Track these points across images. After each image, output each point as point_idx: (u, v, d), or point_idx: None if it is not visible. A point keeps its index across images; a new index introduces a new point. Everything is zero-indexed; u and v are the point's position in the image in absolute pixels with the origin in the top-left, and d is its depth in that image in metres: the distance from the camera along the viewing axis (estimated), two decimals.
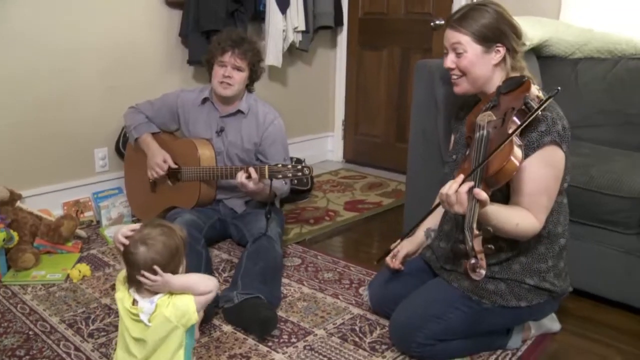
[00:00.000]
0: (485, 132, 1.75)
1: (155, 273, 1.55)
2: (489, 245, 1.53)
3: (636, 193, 2.24)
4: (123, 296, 1.64)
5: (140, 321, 1.59)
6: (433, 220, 2.19)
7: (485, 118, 1.80)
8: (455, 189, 1.61)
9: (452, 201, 1.62)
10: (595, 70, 2.88)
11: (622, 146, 2.71)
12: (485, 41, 1.88)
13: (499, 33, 1.88)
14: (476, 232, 1.52)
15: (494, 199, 1.68)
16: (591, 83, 2.84)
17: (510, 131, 1.65)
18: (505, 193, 1.83)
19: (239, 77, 2.75)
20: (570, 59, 2.97)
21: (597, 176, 2.33)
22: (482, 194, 1.55)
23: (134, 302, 1.60)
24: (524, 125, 1.67)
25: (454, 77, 1.99)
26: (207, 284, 1.64)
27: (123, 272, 1.67)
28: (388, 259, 2.15)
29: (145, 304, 1.59)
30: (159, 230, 1.60)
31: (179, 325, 1.59)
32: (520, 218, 1.74)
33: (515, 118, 1.70)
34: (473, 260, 1.50)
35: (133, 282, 1.60)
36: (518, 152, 1.63)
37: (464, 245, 1.54)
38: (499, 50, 1.90)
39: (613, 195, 2.27)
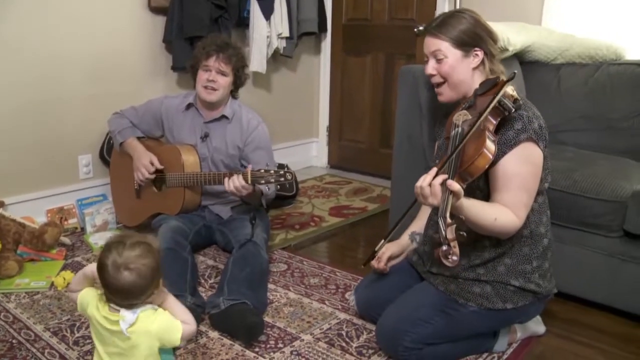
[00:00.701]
0: (460, 129, 1.79)
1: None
2: (461, 232, 1.56)
3: (619, 196, 2.26)
4: (93, 309, 1.64)
5: (117, 332, 1.58)
6: (418, 224, 2.21)
7: (460, 117, 1.83)
8: (428, 181, 1.64)
9: (427, 193, 1.64)
10: (577, 75, 2.91)
11: (604, 150, 2.75)
12: (464, 46, 1.92)
13: (476, 38, 1.92)
14: (449, 221, 1.55)
15: (474, 199, 1.71)
16: (573, 88, 2.88)
17: (482, 127, 1.69)
18: (485, 193, 1.86)
19: (224, 82, 2.75)
20: (552, 64, 3.00)
21: (581, 180, 2.35)
22: (455, 185, 1.58)
23: (110, 308, 1.60)
24: (491, 106, 1.70)
25: (436, 85, 2.02)
26: (190, 316, 1.70)
27: (89, 291, 1.68)
28: (373, 261, 2.16)
29: (127, 313, 1.58)
30: (138, 252, 1.57)
31: (160, 341, 1.60)
32: (499, 213, 1.76)
33: (489, 116, 1.73)
34: (445, 247, 1.53)
35: (118, 304, 1.60)
36: (491, 145, 1.66)
37: (437, 234, 1.56)
38: (477, 54, 1.93)
39: (596, 198, 2.30)
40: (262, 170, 2.45)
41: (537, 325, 2.23)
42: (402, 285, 2.14)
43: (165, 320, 1.63)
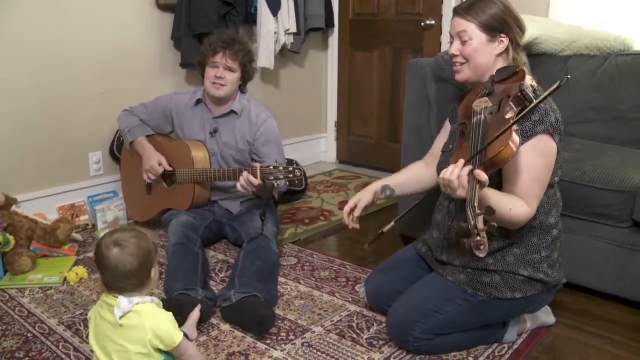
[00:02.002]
0: (482, 117, 1.77)
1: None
2: (492, 223, 1.53)
3: (628, 187, 2.27)
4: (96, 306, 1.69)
5: (108, 320, 1.61)
6: (394, 180, 2.24)
7: (481, 104, 1.82)
8: (457, 174, 1.62)
9: (455, 186, 1.62)
10: (585, 67, 2.91)
11: (612, 141, 2.75)
12: (491, 30, 1.91)
13: (504, 24, 1.91)
14: (478, 211, 1.53)
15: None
16: (581, 80, 2.87)
17: (507, 116, 1.69)
18: (497, 182, 1.85)
19: (231, 78, 2.77)
20: (560, 56, 3.00)
21: (589, 171, 2.36)
22: (483, 175, 1.56)
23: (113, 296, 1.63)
24: (528, 111, 1.70)
25: (457, 64, 2.00)
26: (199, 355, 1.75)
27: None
28: (345, 216, 2.17)
29: (124, 301, 1.60)
30: (131, 234, 1.63)
31: (158, 339, 1.61)
32: (514, 204, 1.76)
33: (512, 104, 1.73)
34: (478, 238, 1.50)
35: (111, 288, 1.63)
36: (516, 137, 1.65)
37: (466, 223, 1.54)
38: (502, 41, 1.92)
39: (605, 189, 2.31)
40: (272, 167, 2.46)
41: (547, 316, 2.24)
42: (412, 276, 2.16)
43: (161, 318, 1.64)
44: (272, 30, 3.97)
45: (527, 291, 1.93)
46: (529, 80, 1.77)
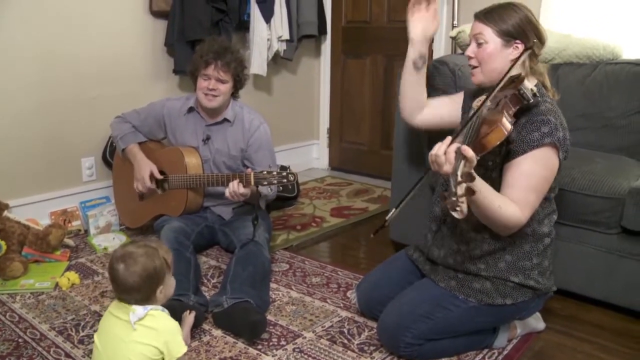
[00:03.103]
0: (479, 110, 1.80)
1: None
2: (472, 188, 1.54)
3: (616, 193, 2.29)
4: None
5: (125, 321, 1.66)
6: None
7: (478, 103, 1.86)
8: (444, 149, 1.65)
9: (442, 161, 1.64)
10: (575, 75, 2.94)
11: (602, 148, 2.77)
12: (506, 35, 1.92)
13: (521, 32, 1.91)
14: (459, 179, 1.53)
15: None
16: (571, 87, 2.90)
17: (502, 110, 1.73)
18: (497, 183, 1.88)
19: (224, 88, 2.77)
20: (550, 64, 3.02)
21: (579, 178, 2.38)
22: (469, 151, 1.56)
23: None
24: (504, 81, 1.78)
25: (471, 67, 2.02)
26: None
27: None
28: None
29: (139, 308, 1.66)
30: (141, 250, 1.67)
31: (165, 345, 1.66)
32: (504, 202, 1.77)
33: (508, 102, 1.77)
34: (453, 198, 1.52)
35: (120, 298, 1.70)
36: (507, 123, 1.69)
37: (448, 191, 1.56)
38: (517, 47, 1.92)
39: (594, 196, 2.33)
40: (265, 172, 2.48)
41: (537, 322, 2.26)
42: (403, 282, 2.18)
43: (174, 327, 1.72)
44: (265, 37, 3.98)
45: (517, 297, 1.95)
46: (529, 84, 1.81)
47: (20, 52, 3.04)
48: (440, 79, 2.68)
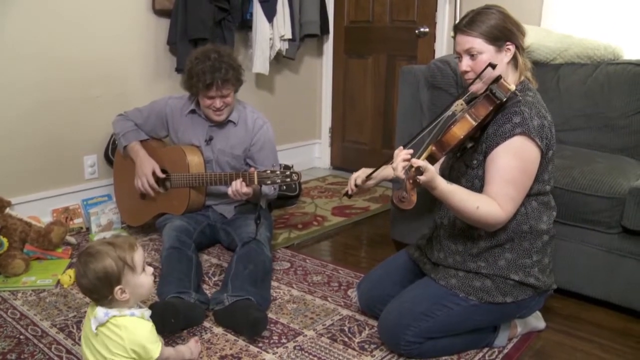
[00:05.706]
0: (452, 112, 1.89)
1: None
2: (417, 180, 1.71)
3: (617, 193, 2.30)
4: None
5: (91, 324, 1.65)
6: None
7: (459, 106, 1.91)
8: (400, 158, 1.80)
9: (394, 166, 1.80)
10: (576, 75, 2.94)
11: (602, 148, 2.78)
12: (496, 40, 1.92)
13: (507, 32, 1.92)
14: (411, 174, 1.71)
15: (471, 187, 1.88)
16: (572, 88, 2.90)
17: (472, 110, 1.81)
18: (479, 187, 1.91)
19: (229, 100, 2.75)
20: (551, 64, 3.03)
21: (579, 177, 2.38)
22: (418, 162, 1.71)
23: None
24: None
25: (469, 80, 1.99)
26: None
27: None
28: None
29: (100, 312, 1.63)
30: (93, 250, 1.63)
31: (131, 353, 1.63)
32: (482, 203, 1.80)
33: (481, 102, 1.81)
34: (403, 194, 1.72)
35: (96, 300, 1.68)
36: (470, 119, 1.79)
37: (399, 185, 1.74)
38: (509, 49, 1.93)
39: (595, 195, 2.33)
40: (269, 171, 2.49)
41: (537, 321, 2.26)
42: (404, 280, 2.19)
43: (144, 333, 1.66)
44: (267, 36, 3.99)
45: (517, 295, 1.96)
46: (506, 84, 1.81)
47: (23, 51, 3.05)
48: (442, 78, 2.69)
